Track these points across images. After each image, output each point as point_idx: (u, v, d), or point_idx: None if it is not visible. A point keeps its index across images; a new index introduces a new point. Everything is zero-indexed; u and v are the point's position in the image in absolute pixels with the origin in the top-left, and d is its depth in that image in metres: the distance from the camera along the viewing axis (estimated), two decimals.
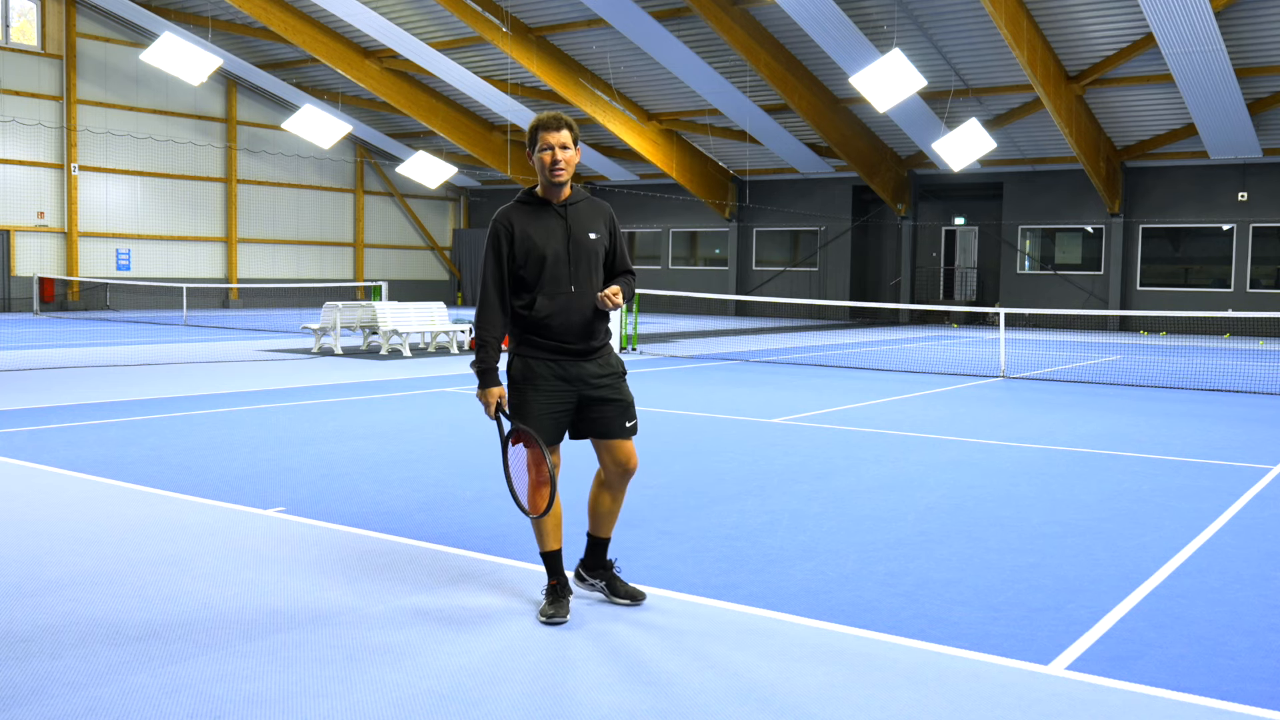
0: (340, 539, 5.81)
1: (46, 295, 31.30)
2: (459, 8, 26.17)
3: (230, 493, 6.92)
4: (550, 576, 4.62)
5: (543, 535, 4.65)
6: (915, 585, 5.12)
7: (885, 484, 7.55)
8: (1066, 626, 4.55)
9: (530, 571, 5.25)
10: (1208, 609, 4.82)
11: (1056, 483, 7.69)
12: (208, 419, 10.23)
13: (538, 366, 4.58)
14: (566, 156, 4.51)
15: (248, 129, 36.17)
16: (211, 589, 4.90)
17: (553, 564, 4.64)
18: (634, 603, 4.77)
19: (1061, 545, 5.90)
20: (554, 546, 4.64)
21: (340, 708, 3.61)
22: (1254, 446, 9.47)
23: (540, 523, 4.61)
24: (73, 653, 4.07)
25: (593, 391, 4.61)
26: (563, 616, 4.50)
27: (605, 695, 3.77)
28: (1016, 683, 3.93)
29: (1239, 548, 5.91)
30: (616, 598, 4.79)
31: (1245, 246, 29.37)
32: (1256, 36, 23.03)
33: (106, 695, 3.67)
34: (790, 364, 17.65)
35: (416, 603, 4.74)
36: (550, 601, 4.56)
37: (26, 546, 5.58)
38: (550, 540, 4.64)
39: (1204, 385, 14.83)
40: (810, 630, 4.48)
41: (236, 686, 3.77)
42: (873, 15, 24.46)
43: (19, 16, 30.95)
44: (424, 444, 8.94)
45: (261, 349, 18.90)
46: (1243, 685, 3.93)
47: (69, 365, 15.27)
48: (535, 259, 4.52)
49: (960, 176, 32.51)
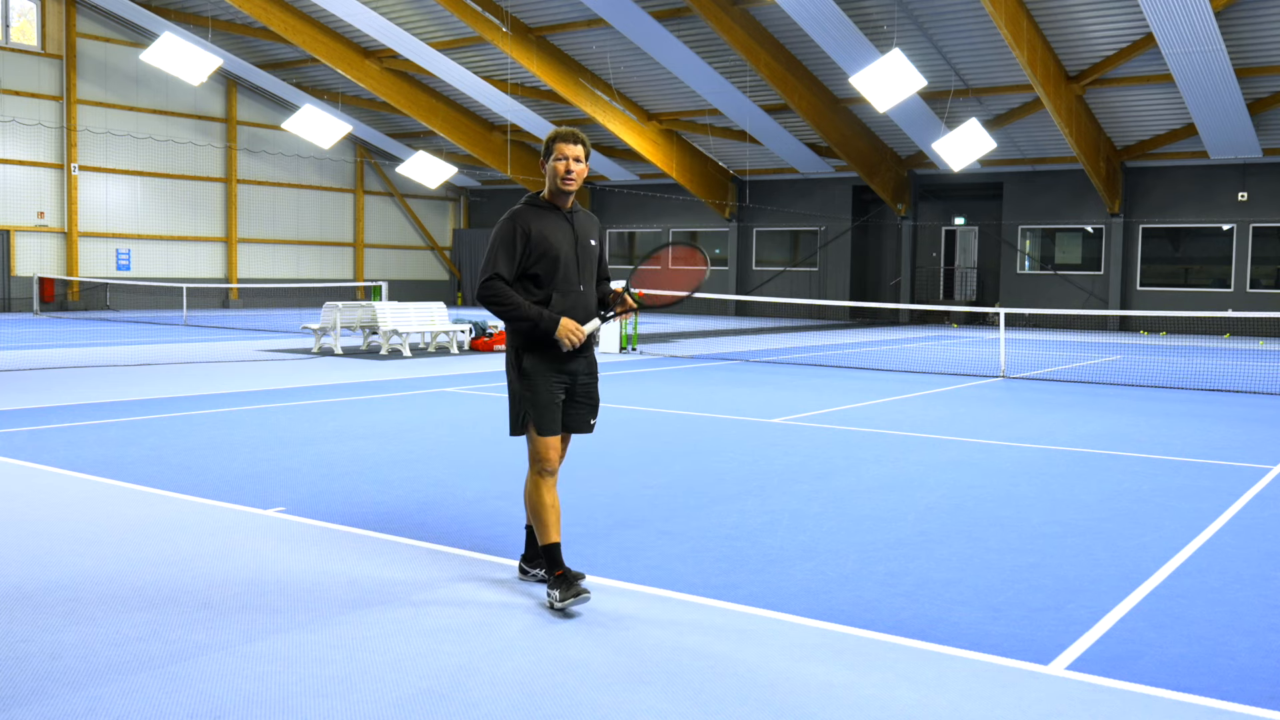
0: (340, 539, 5.81)
1: (46, 295, 31.29)
2: (459, 8, 26.17)
3: (230, 493, 6.92)
4: (556, 568, 4.72)
5: (547, 528, 4.76)
6: (915, 585, 5.12)
7: (885, 484, 7.55)
8: (1066, 626, 4.55)
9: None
10: (1208, 609, 4.82)
11: (1056, 483, 7.69)
12: (208, 419, 10.23)
13: (546, 359, 4.82)
14: (578, 169, 4.84)
15: (248, 129, 36.18)
16: (211, 589, 4.90)
17: (556, 555, 4.74)
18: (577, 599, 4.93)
19: (1061, 545, 5.90)
20: (556, 539, 4.77)
21: (340, 708, 3.61)
22: (1254, 446, 9.47)
23: (545, 516, 4.75)
24: (73, 653, 4.07)
25: (578, 387, 4.95)
26: (586, 592, 4.63)
27: (605, 695, 3.77)
28: (1016, 683, 3.93)
29: (1239, 548, 5.91)
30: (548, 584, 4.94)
31: (1245, 246, 29.37)
32: (1256, 36, 23.04)
33: (106, 695, 3.67)
34: (790, 364, 17.65)
35: (416, 602, 4.74)
36: (566, 587, 4.64)
37: (26, 546, 5.58)
38: (554, 532, 4.77)
39: (1204, 385, 14.83)
40: (810, 630, 4.48)
41: (236, 686, 3.77)
42: (873, 15, 24.46)
43: (19, 16, 30.95)
44: (424, 444, 8.94)
45: (261, 349, 18.90)
46: (1243, 685, 3.93)
47: (69, 365, 15.27)
48: (550, 258, 4.80)
49: (960, 176, 32.52)
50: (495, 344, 19.33)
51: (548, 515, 4.77)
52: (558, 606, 4.61)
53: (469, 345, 19.44)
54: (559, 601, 4.61)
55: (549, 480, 4.80)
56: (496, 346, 19.30)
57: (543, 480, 4.80)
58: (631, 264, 39.06)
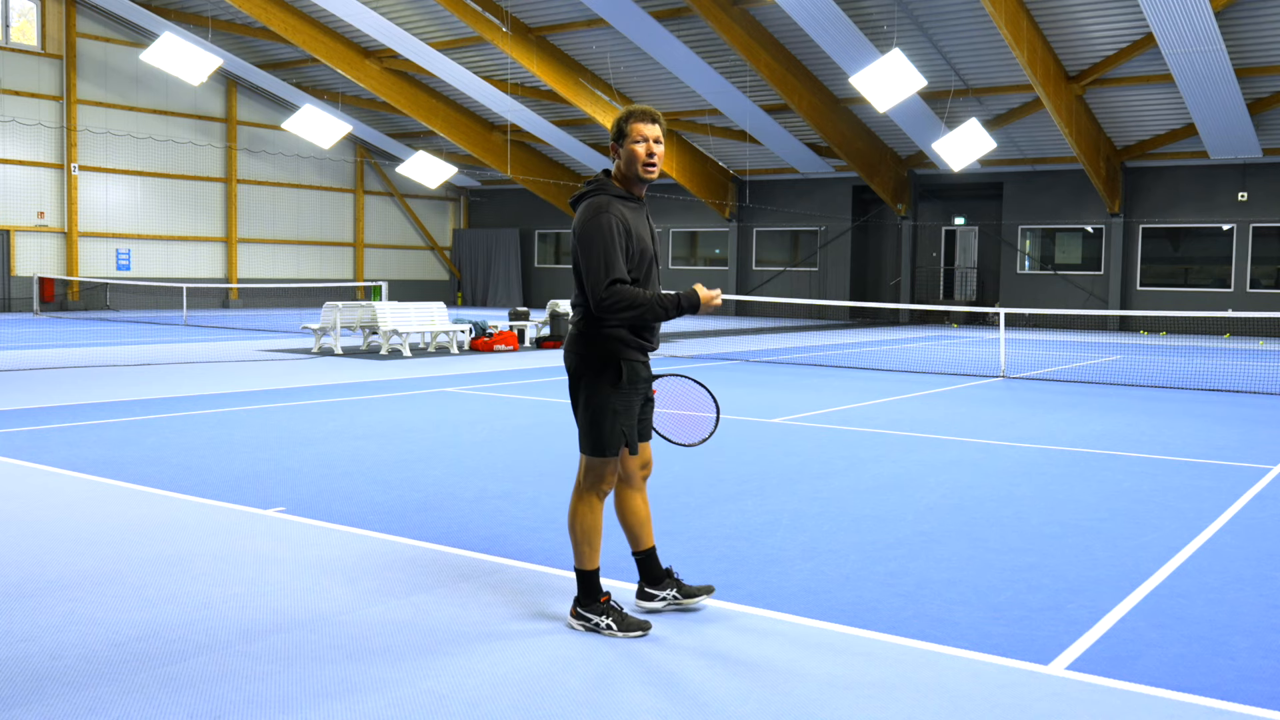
0: (340, 539, 5.81)
1: (46, 295, 31.29)
2: (459, 8, 26.17)
3: (230, 493, 6.92)
4: (600, 593, 4.43)
5: (596, 551, 4.45)
6: (915, 585, 5.11)
7: (885, 484, 7.54)
8: (1066, 626, 4.55)
9: (528, 571, 5.25)
10: (1208, 609, 4.82)
11: (1056, 483, 7.69)
12: (208, 419, 10.23)
13: (640, 370, 4.41)
14: (660, 151, 4.35)
15: (248, 129, 36.18)
16: (212, 589, 4.90)
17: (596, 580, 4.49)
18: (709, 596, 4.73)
19: (1061, 545, 5.90)
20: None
21: (340, 708, 3.61)
22: (1254, 446, 9.47)
23: (592, 534, 4.43)
24: (73, 652, 4.07)
25: (648, 393, 4.57)
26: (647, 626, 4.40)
27: (604, 694, 3.77)
28: (1016, 682, 3.93)
29: (1239, 548, 5.91)
30: (688, 600, 4.69)
31: (1245, 246, 29.36)
32: (1257, 36, 23.03)
33: (106, 695, 3.67)
34: (790, 364, 17.65)
35: (416, 603, 4.74)
36: (622, 616, 4.38)
37: (26, 546, 5.58)
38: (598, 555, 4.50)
39: (1204, 385, 14.83)
40: (811, 630, 4.48)
41: (237, 686, 3.77)
42: (873, 15, 24.46)
43: (19, 16, 30.95)
44: (424, 444, 8.94)
45: (262, 349, 18.90)
46: (1243, 685, 3.93)
47: (69, 365, 15.27)
48: (646, 260, 4.38)
49: (960, 176, 32.52)
50: (495, 344, 19.33)
51: (598, 537, 4.45)
52: (616, 634, 4.33)
53: (469, 345, 19.44)
54: (625, 630, 4.34)
55: (603, 501, 4.47)
56: (497, 346, 19.30)
57: (601, 502, 4.45)
58: None
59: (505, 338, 19.65)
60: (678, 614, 4.65)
